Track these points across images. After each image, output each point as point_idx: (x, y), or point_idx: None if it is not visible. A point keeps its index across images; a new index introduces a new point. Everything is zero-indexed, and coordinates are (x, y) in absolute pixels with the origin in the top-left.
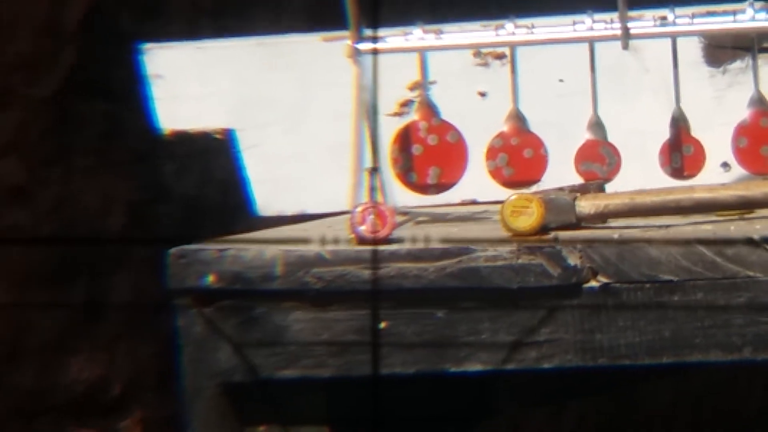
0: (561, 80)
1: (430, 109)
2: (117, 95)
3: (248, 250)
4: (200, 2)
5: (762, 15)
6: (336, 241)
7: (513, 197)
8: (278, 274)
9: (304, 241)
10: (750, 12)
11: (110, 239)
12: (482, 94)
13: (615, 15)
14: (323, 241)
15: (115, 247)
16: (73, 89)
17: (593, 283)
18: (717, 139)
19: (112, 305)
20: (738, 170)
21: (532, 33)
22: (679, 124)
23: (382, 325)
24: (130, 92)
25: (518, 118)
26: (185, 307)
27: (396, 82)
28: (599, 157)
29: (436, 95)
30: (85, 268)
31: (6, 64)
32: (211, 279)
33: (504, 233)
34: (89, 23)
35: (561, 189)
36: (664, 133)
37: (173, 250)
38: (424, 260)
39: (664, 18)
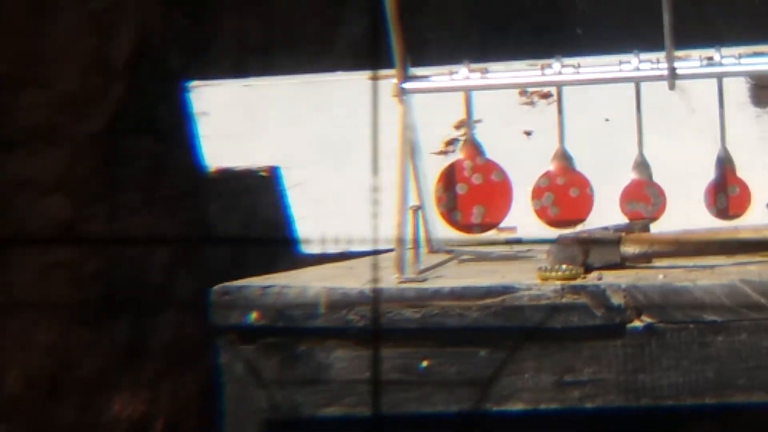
0: (607, 119)
1: (474, 148)
2: (163, 133)
3: (291, 288)
4: (247, 40)
5: None
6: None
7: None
8: (321, 312)
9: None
10: None
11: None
12: (528, 133)
13: (661, 55)
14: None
15: (160, 285)
16: (121, 126)
17: (637, 323)
18: (763, 180)
19: (155, 343)
20: None
21: (578, 72)
22: (725, 164)
23: (424, 363)
24: (177, 130)
25: (564, 158)
26: (228, 344)
27: (441, 120)
28: (644, 197)
29: (482, 134)
30: (130, 305)
31: (54, 101)
32: (254, 316)
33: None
34: (137, 60)
35: (606, 228)
36: (710, 174)
37: (217, 288)
38: (468, 299)
39: (710, 58)
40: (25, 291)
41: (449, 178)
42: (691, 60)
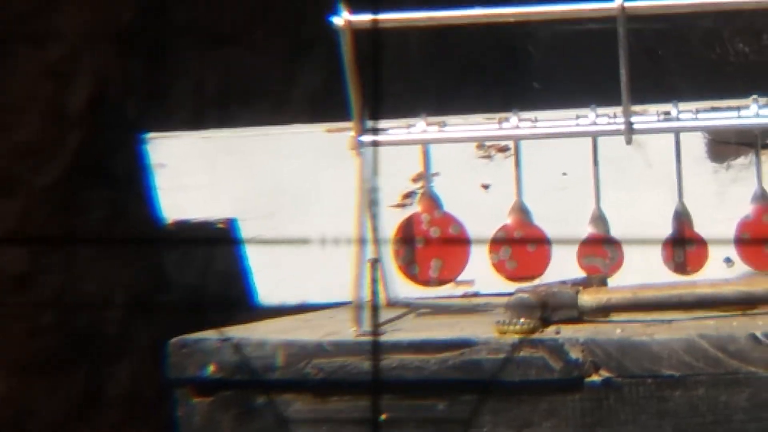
0: (564, 174)
1: (432, 201)
2: (120, 183)
3: (249, 341)
4: (205, 91)
5: (766, 111)
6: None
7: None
8: (279, 365)
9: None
10: (754, 108)
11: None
12: (485, 187)
13: (618, 109)
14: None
15: (116, 336)
16: (77, 177)
17: (595, 378)
18: (720, 235)
19: (112, 394)
20: (741, 266)
21: (535, 126)
22: (682, 219)
23: (383, 417)
24: (134, 181)
25: (522, 211)
26: (185, 397)
27: (399, 173)
28: (602, 252)
29: (439, 187)
30: (86, 355)
31: (10, 151)
32: (211, 369)
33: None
34: (94, 111)
35: (564, 282)
36: (667, 228)
37: (174, 340)
38: (426, 352)
39: (667, 113)
40: None
41: (407, 231)
42: (648, 115)
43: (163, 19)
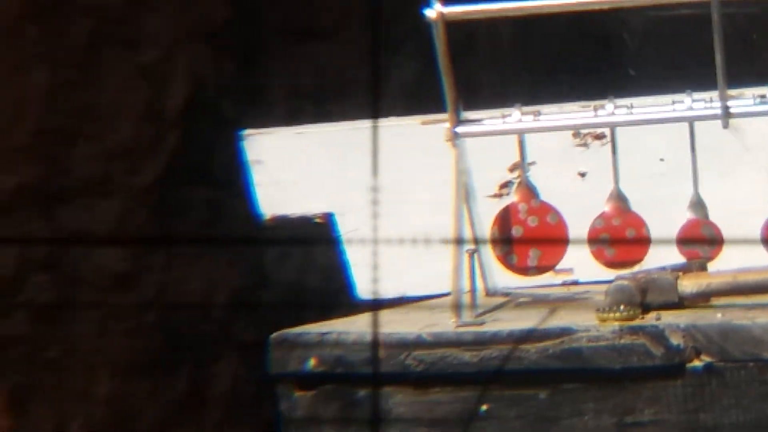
0: (661, 159)
1: (529, 190)
2: (218, 181)
3: (349, 334)
4: (300, 88)
5: None
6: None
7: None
8: (379, 358)
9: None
10: None
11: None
12: (582, 175)
13: (715, 94)
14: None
15: (218, 333)
16: (175, 176)
17: (696, 363)
18: None
19: (215, 391)
20: None
21: (631, 113)
22: None
23: (484, 407)
24: (232, 178)
25: (619, 198)
26: (287, 391)
27: (495, 163)
28: (701, 237)
29: (536, 176)
30: (189, 354)
31: (109, 153)
32: (312, 363)
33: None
34: (190, 110)
35: (663, 268)
36: (766, 212)
37: (275, 335)
38: (526, 341)
39: (763, 96)
40: (84, 342)
41: (505, 221)
42: (744, 98)
43: (256, 17)
